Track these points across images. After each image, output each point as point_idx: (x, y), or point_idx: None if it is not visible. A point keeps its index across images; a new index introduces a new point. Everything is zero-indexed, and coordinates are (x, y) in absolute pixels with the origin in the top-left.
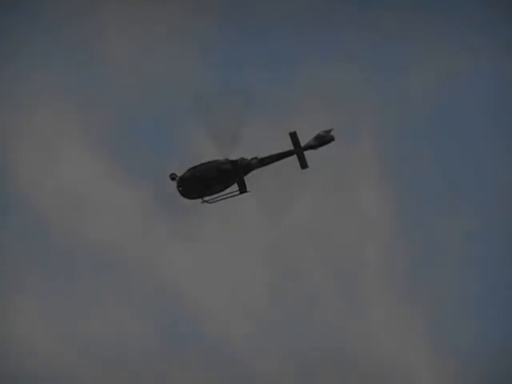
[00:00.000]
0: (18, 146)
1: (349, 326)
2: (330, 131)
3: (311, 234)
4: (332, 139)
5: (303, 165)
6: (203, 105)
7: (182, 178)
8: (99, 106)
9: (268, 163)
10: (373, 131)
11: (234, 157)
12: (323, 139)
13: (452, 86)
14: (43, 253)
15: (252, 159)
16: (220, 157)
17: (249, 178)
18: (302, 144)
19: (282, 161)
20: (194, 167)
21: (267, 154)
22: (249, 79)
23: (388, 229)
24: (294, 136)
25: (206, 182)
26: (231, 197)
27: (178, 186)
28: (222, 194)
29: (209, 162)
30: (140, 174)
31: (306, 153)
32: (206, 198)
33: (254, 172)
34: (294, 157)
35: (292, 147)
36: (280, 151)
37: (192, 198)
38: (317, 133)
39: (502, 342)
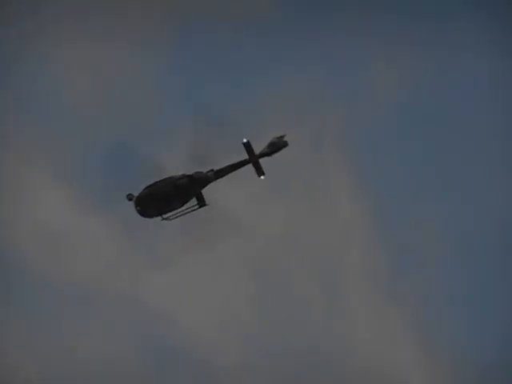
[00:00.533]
0: None
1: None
2: (282, 137)
3: (286, 241)
4: (285, 145)
5: (259, 173)
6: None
7: (138, 197)
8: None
9: (224, 175)
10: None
11: (188, 171)
12: (277, 145)
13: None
14: (26, 294)
15: (208, 172)
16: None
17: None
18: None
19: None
20: (149, 185)
21: (222, 166)
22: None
23: (362, 228)
24: (247, 145)
25: (164, 199)
26: (191, 211)
27: (136, 206)
28: (181, 209)
29: (164, 179)
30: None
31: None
32: (166, 216)
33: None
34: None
35: (246, 157)
36: (235, 161)
37: (151, 217)
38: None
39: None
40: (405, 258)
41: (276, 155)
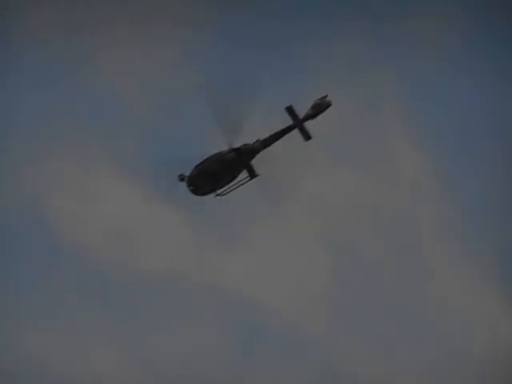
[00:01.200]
0: (49, 193)
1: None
2: (325, 97)
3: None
4: (329, 105)
5: (306, 137)
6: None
7: (190, 177)
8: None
9: (271, 143)
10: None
11: (235, 145)
12: (320, 107)
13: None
14: (102, 291)
15: (254, 143)
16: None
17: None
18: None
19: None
20: (199, 164)
21: (267, 135)
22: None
23: (432, 189)
24: (290, 110)
25: (215, 175)
26: (243, 184)
27: (189, 186)
28: (232, 183)
29: (212, 156)
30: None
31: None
32: (218, 192)
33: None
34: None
35: (291, 122)
36: (279, 128)
37: (204, 195)
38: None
39: None
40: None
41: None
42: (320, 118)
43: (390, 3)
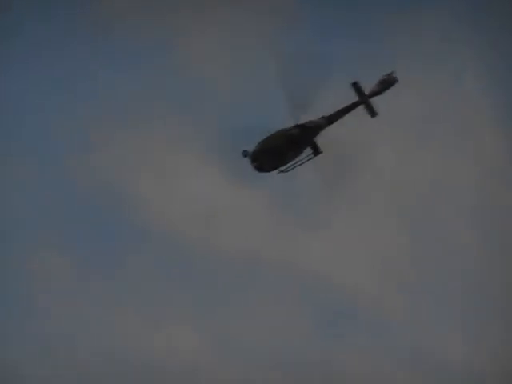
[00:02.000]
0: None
1: None
2: (391, 73)
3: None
4: (395, 81)
5: (372, 113)
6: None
7: (254, 153)
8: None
9: (336, 119)
10: None
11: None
12: (386, 83)
13: None
14: (190, 273)
15: (319, 119)
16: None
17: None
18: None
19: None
20: (263, 140)
21: (332, 111)
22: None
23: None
24: (356, 86)
25: (279, 151)
26: (307, 161)
27: (252, 162)
28: (297, 160)
29: (276, 132)
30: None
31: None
32: (282, 168)
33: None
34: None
35: (357, 98)
36: (345, 105)
37: (268, 171)
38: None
39: None
40: None
41: None
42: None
43: None
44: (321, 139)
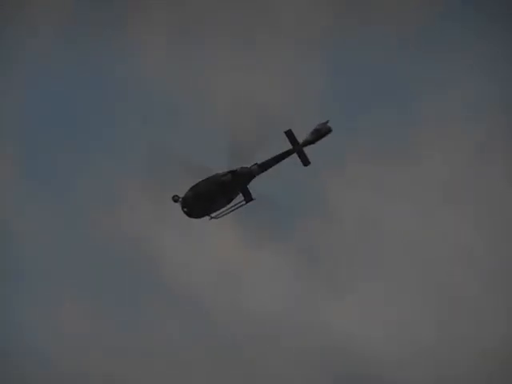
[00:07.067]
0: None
1: None
2: (326, 123)
3: None
4: (329, 131)
5: (305, 162)
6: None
7: (185, 198)
8: None
9: (269, 167)
10: None
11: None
12: (320, 132)
13: None
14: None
15: (252, 166)
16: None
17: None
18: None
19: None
20: (194, 185)
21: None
22: None
23: None
24: (290, 134)
25: (210, 197)
26: (238, 207)
27: (183, 207)
28: (228, 206)
29: (208, 178)
30: None
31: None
32: (213, 214)
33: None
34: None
35: (290, 146)
36: (278, 153)
37: (199, 217)
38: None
39: None
40: None
41: None
42: None
43: None
44: None
